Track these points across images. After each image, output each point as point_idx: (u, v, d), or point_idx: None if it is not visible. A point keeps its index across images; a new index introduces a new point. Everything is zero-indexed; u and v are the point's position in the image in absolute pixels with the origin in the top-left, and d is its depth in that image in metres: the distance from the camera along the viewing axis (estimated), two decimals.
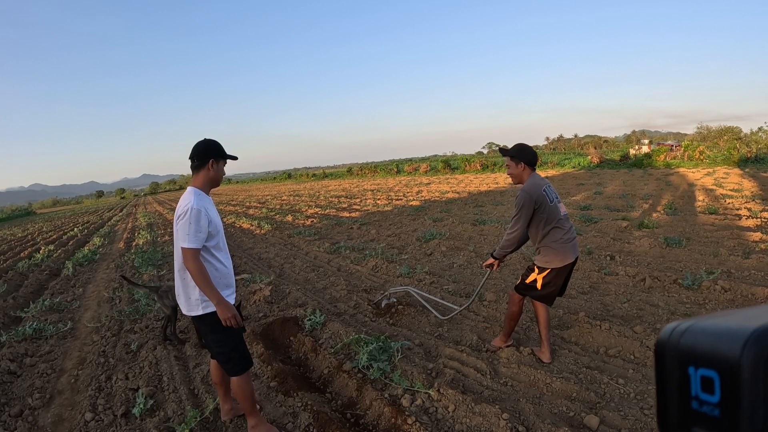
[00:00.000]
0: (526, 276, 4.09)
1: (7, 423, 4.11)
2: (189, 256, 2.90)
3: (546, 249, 3.92)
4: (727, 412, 0.39)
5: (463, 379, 4.00)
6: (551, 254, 3.90)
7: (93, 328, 6.56)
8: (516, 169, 4.01)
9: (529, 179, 3.96)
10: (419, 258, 8.87)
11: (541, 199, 3.84)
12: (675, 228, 9.60)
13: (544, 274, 3.96)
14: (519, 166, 3.99)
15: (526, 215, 3.85)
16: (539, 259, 4.00)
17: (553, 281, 3.98)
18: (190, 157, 3.11)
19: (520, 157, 3.97)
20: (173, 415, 3.87)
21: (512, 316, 4.28)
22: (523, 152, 3.99)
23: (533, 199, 3.82)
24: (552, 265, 3.91)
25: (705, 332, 0.43)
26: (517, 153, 3.99)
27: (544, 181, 3.98)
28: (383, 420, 3.47)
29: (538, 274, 3.99)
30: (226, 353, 3.17)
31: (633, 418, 3.32)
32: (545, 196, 3.87)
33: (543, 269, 3.96)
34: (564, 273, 3.99)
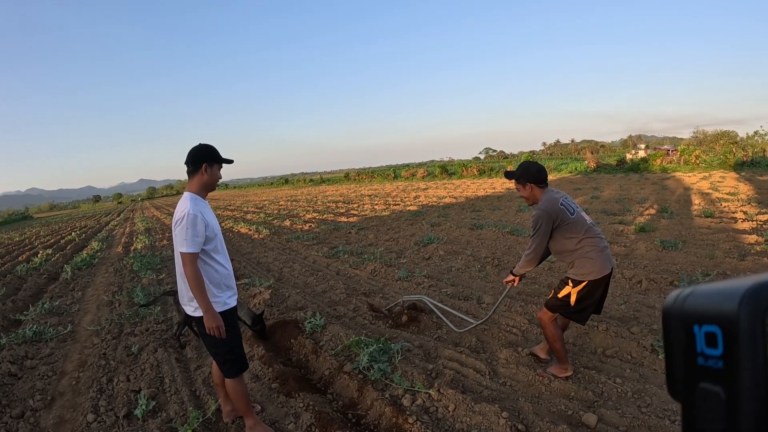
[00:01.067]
0: (559, 290, 3.77)
1: (8, 424, 4.12)
2: (187, 261, 2.95)
3: (581, 260, 3.60)
4: (730, 361, 0.45)
5: (463, 379, 4.05)
6: (588, 265, 3.58)
7: (93, 331, 6.58)
8: (525, 191, 3.78)
9: (543, 196, 3.70)
10: (417, 262, 8.92)
11: (560, 215, 3.59)
12: (671, 231, 9.68)
13: (579, 287, 3.64)
14: (527, 188, 3.75)
15: (545, 233, 3.61)
16: (574, 272, 3.67)
17: (589, 296, 3.66)
18: (185, 162, 3.16)
19: (526, 178, 3.73)
20: (175, 416, 3.90)
21: (553, 338, 3.86)
22: (527, 172, 3.72)
23: (551, 216, 3.57)
24: (589, 277, 3.59)
25: (706, 294, 0.49)
26: (522, 174, 3.74)
27: (560, 194, 3.71)
28: (384, 420, 3.52)
29: (572, 287, 3.67)
30: (222, 354, 3.22)
31: (630, 416, 3.37)
32: (564, 210, 3.61)
33: (578, 282, 3.64)
34: (600, 286, 3.67)
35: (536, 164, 3.75)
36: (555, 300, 3.79)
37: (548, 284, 6.69)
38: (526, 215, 13.65)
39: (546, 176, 3.74)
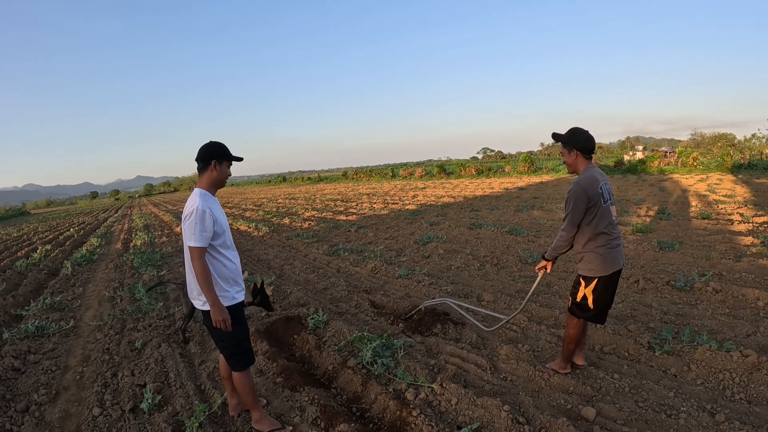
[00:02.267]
0: (575, 293, 3.73)
1: (13, 418, 4.16)
2: (195, 255, 3.03)
3: (590, 255, 3.55)
4: None
5: (464, 374, 4.14)
6: (596, 261, 3.54)
7: (95, 326, 6.63)
8: (569, 156, 3.62)
9: (586, 171, 3.56)
10: (417, 260, 9.01)
11: (595, 198, 3.45)
12: (668, 232, 9.79)
13: (591, 286, 3.60)
14: (572, 154, 3.59)
15: (580, 211, 3.45)
16: (582, 267, 3.63)
17: (603, 294, 3.62)
18: (195, 159, 3.23)
19: (572, 144, 3.57)
20: (181, 410, 3.96)
21: (570, 339, 3.84)
22: (576, 138, 3.56)
23: (587, 195, 3.43)
24: (598, 273, 3.55)
25: None
26: (569, 139, 3.58)
27: (602, 177, 3.57)
28: (388, 413, 3.61)
29: (585, 287, 3.64)
30: (230, 348, 3.30)
31: (628, 410, 3.47)
32: (600, 194, 3.47)
33: (589, 279, 3.61)
34: (613, 283, 3.65)
35: (586, 132, 3.59)
36: (575, 306, 3.74)
37: (546, 283, 6.78)
38: (525, 215, 13.75)
39: (594, 148, 3.61)
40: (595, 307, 3.64)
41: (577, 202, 3.44)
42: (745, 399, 3.63)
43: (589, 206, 3.45)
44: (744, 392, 3.69)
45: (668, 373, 4.06)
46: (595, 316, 3.71)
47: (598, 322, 3.78)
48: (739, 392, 3.69)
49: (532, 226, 11.84)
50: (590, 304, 3.63)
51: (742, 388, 3.73)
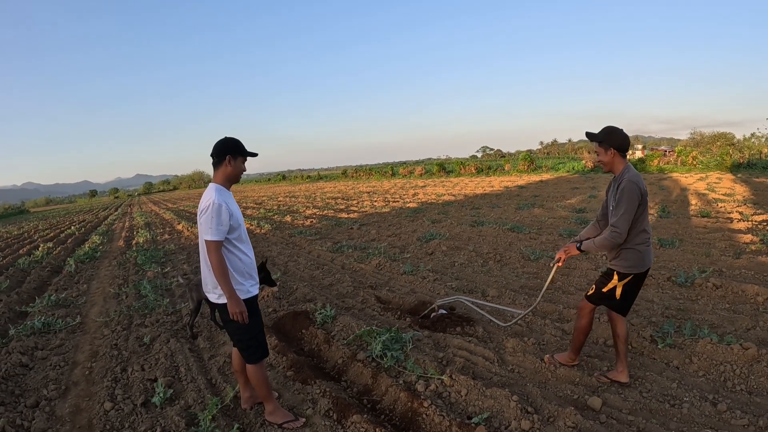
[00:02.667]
0: (603, 284, 3.69)
1: (24, 413, 4.17)
2: (211, 248, 3.09)
3: (629, 252, 3.52)
4: None
5: (473, 366, 4.22)
6: (635, 258, 3.52)
7: (102, 322, 6.67)
8: (606, 155, 3.57)
9: (627, 169, 3.54)
10: (421, 257, 9.09)
11: (645, 195, 3.45)
12: (668, 230, 9.87)
13: (626, 280, 3.59)
14: (609, 153, 3.54)
15: (635, 208, 3.41)
16: (620, 264, 3.58)
17: (634, 289, 3.65)
18: (210, 154, 3.30)
19: (609, 142, 3.53)
20: (194, 404, 4.01)
21: (582, 329, 3.86)
22: (613, 136, 3.53)
23: (640, 191, 3.41)
24: (635, 270, 3.55)
25: None
26: (606, 137, 3.55)
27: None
28: (400, 404, 3.69)
29: (618, 281, 3.61)
30: (246, 341, 3.37)
31: (633, 399, 3.57)
32: (647, 192, 3.47)
33: (624, 275, 3.58)
34: (643, 279, 3.67)
35: (622, 131, 3.56)
36: (599, 293, 3.73)
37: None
38: (526, 213, 13.82)
39: (628, 146, 3.58)
40: (621, 299, 3.63)
41: (632, 198, 3.39)
42: (745, 390, 3.72)
43: (639, 203, 3.42)
44: (744, 383, 3.77)
45: (671, 366, 4.14)
46: (618, 306, 3.68)
47: (621, 312, 3.73)
48: (739, 383, 3.78)
49: (534, 223, 11.92)
50: (617, 295, 3.63)
51: (743, 379, 3.82)
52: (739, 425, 3.23)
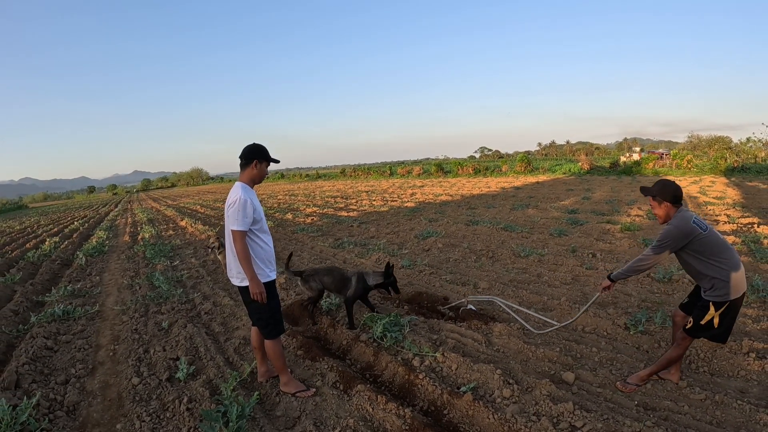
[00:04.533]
0: (701, 317, 3.65)
1: (55, 389, 4.59)
2: (237, 237, 3.62)
3: (719, 281, 3.51)
4: None
5: (463, 346, 4.73)
6: (727, 286, 3.50)
7: (120, 310, 7.12)
8: (660, 209, 3.69)
9: (678, 213, 3.63)
10: (418, 253, 9.60)
11: (692, 233, 3.50)
12: (655, 231, 10.34)
13: (722, 309, 3.57)
14: (663, 206, 3.66)
15: (671, 248, 3.57)
16: (714, 294, 3.56)
17: (730, 314, 3.62)
18: (239, 156, 3.82)
19: (663, 196, 3.64)
20: (215, 377, 4.49)
21: (675, 358, 3.85)
22: (665, 190, 3.63)
23: (683, 233, 3.51)
24: (729, 297, 3.53)
25: None
26: (659, 192, 3.65)
27: (691, 213, 3.64)
28: (398, 377, 4.23)
29: (715, 311, 3.58)
30: (265, 319, 3.89)
31: (603, 376, 4.08)
32: (696, 227, 3.52)
33: (720, 305, 3.56)
34: (740, 304, 3.65)
35: (674, 183, 3.67)
36: (697, 327, 3.69)
37: (537, 274, 7.37)
38: (520, 214, 14.31)
39: (681, 195, 3.67)
40: (720, 326, 3.62)
41: (671, 242, 3.55)
42: (708, 371, 4.21)
43: (687, 242, 3.52)
44: (708, 366, 4.27)
45: (641, 349, 4.64)
46: (718, 335, 3.70)
47: (721, 341, 3.78)
48: (703, 366, 4.28)
49: (527, 223, 12.43)
50: (716, 325, 3.61)
51: (707, 362, 4.31)
52: (697, 399, 3.70)
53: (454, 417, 3.63)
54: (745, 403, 3.54)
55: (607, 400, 3.75)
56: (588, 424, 3.28)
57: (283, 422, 3.74)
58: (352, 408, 3.75)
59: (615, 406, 3.65)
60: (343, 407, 3.79)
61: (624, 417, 3.41)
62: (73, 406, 4.28)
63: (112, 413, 4.14)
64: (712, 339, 3.76)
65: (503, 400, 3.69)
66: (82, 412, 4.19)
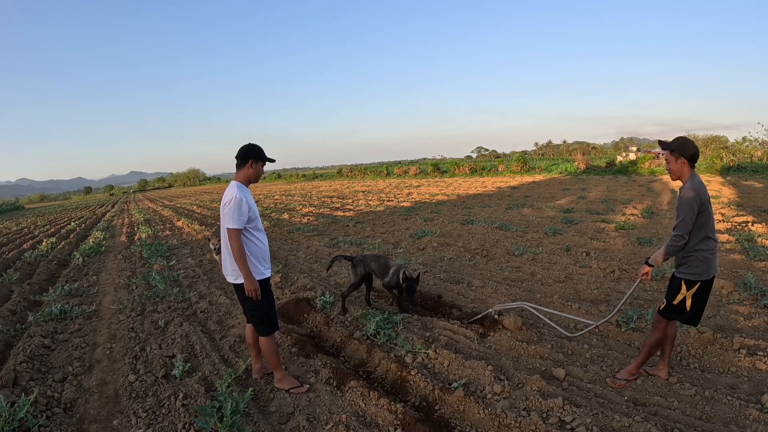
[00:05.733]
0: (673, 296, 3.74)
1: (53, 387, 4.63)
2: (232, 235, 3.68)
3: (694, 259, 3.59)
4: None
5: (455, 343, 4.79)
6: (701, 265, 3.58)
7: (116, 309, 7.16)
8: (675, 164, 3.66)
9: (693, 177, 3.61)
10: (413, 252, 9.65)
11: (706, 203, 3.52)
12: (649, 229, 10.45)
13: (694, 289, 3.64)
14: (679, 162, 3.64)
15: (694, 215, 3.49)
16: (685, 271, 3.65)
17: (702, 297, 3.68)
18: (235, 156, 3.88)
19: (681, 152, 3.61)
20: (210, 374, 4.55)
21: (656, 343, 3.92)
22: (685, 146, 3.61)
23: (700, 198, 3.48)
24: (702, 277, 3.60)
25: None
26: (678, 147, 3.63)
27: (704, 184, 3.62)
28: (391, 374, 4.29)
29: (687, 290, 3.66)
30: (259, 316, 3.95)
31: (593, 372, 4.14)
32: (709, 200, 3.55)
33: (692, 283, 3.63)
34: (710, 286, 3.71)
35: (693, 143, 3.66)
36: (670, 307, 3.77)
37: (531, 272, 7.44)
38: (515, 213, 14.38)
39: (698, 156, 3.66)
40: (692, 309, 3.68)
41: (692, 205, 3.47)
42: (699, 368, 4.26)
43: (700, 210, 3.50)
44: (698, 362, 4.33)
45: (632, 346, 4.70)
46: (690, 318, 3.75)
47: (692, 324, 3.84)
48: (694, 362, 4.34)
49: (521, 222, 12.51)
50: (687, 307, 3.68)
51: (697, 359, 4.37)
52: (687, 395, 3.75)
53: (445, 412, 3.69)
54: (735, 399, 3.60)
55: (597, 396, 3.80)
56: (577, 419, 3.33)
57: (277, 418, 3.80)
58: (345, 404, 3.82)
59: (605, 402, 3.71)
60: (336, 403, 3.86)
61: (613, 412, 3.46)
62: (70, 403, 4.32)
63: (108, 410, 4.19)
64: (684, 322, 3.81)
65: (494, 396, 3.74)
66: (79, 408, 4.23)
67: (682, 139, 3.68)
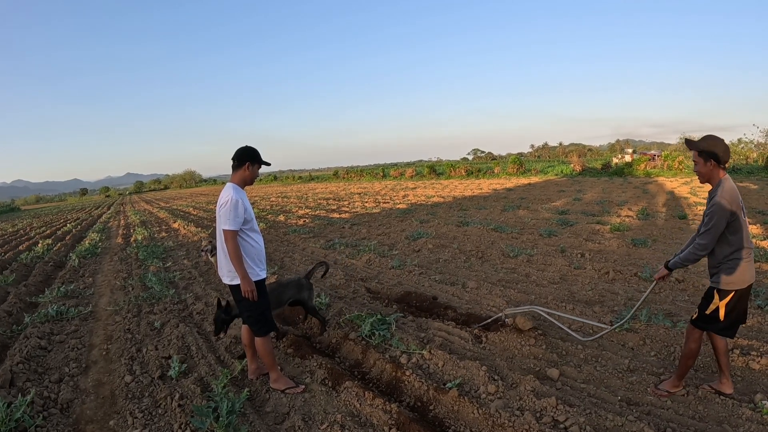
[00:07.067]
0: (705, 306, 3.54)
1: (49, 387, 4.64)
2: (228, 237, 3.71)
3: (726, 268, 3.38)
4: None
5: (450, 344, 4.82)
6: (736, 274, 3.35)
7: (112, 310, 7.18)
8: (704, 167, 3.40)
9: (724, 182, 3.37)
10: (408, 254, 9.68)
11: (738, 212, 3.30)
12: (644, 231, 10.52)
13: (727, 299, 3.42)
14: (708, 164, 3.38)
15: (723, 225, 3.29)
16: (719, 281, 3.43)
17: (737, 307, 3.46)
18: (232, 158, 3.91)
19: (710, 153, 3.35)
20: (206, 375, 4.56)
21: (690, 354, 3.68)
22: (713, 147, 3.35)
23: (731, 208, 3.26)
24: (736, 286, 3.38)
25: None
26: (707, 147, 3.37)
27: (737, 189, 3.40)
28: (386, 374, 4.32)
29: (720, 300, 3.45)
30: (255, 316, 3.97)
31: (587, 372, 4.18)
32: (741, 206, 3.34)
33: (725, 293, 3.42)
34: (746, 296, 3.48)
35: (723, 141, 3.39)
36: (701, 318, 3.59)
37: (526, 273, 7.48)
38: (510, 215, 14.43)
39: (729, 157, 3.42)
40: (726, 320, 3.47)
41: (722, 216, 3.27)
42: (692, 368, 4.28)
43: (731, 220, 3.29)
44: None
45: (626, 346, 4.74)
46: (724, 328, 3.54)
47: (728, 336, 3.61)
48: None
49: (517, 224, 12.56)
50: (721, 317, 3.47)
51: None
52: (680, 394, 3.78)
53: (439, 412, 3.72)
54: (728, 398, 3.64)
55: (591, 396, 3.83)
56: (570, 419, 3.36)
57: (273, 418, 3.82)
58: (340, 404, 3.83)
59: (598, 401, 3.73)
60: (331, 403, 3.87)
61: (606, 412, 3.49)
62: (66, 403, 4.34)
63: (105, 410, 4.21)
64: (718, 333, 3.58)
65: (488, 396, 3.77)
66: (76, 409, 4.25)
67: (711, 138, 3.42)
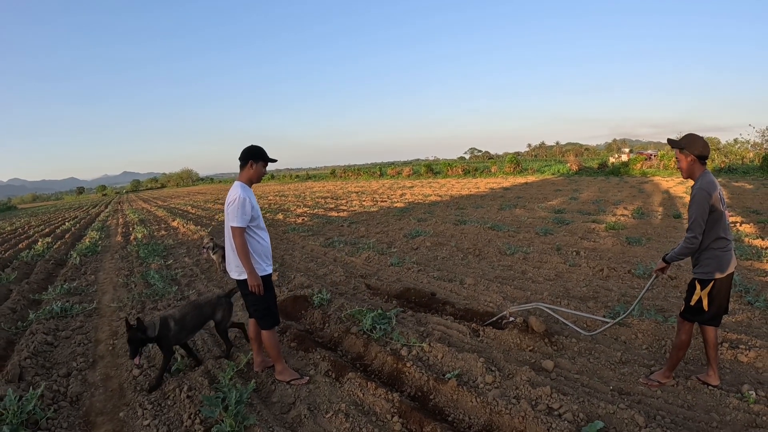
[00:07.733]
0: (689, 297, 3.72)
1: (58, 381, 4.76)
2: (236, 233, 3.86)
3: (708, 258, 3.57)
4: None
5: (448, 338, 4.99)
6: (713, 262, 3.55)
7: (116, 307, 7.29)
8: (685, 161, 3.65)
9: (704, 176, 3.58)
10: (407, 251, 9.84)
11: (716, 202, 3.49)
12: (639, 230, 10.68)
13: (708, 288, 3.60)
14: (689, 159, 3.62)
15: (704, 215, 3.47)
16: (699, 271, 3.63)
17: (719, 296, 3.63)
18: (238, 158, 4.06)
19: (690, 149, 3.59)
20: (212, 368, 4.67)
21: (681, 345, 3.84)
22: (694, 144, 3.58)
23: (711, 196, 3.46)
24: (715, 275, 3.56)
25: None
26: (688, 144, 3.61)
27: (717, 183, 3.58)
28: (387, 366, 4.48)
29: (701, 290, 3.62)
30: (261, 310, 4.13)
31: (581, 364, 4.35)
32: (720, 199, 3.52)
33: (706, 282, 3.61)
34: (728, 285, 3.66)
35: (702, 139, 3.62)
36: (688, 310, 3.75)
37: (522, 271, 7.64)
38: (507, 213, 14.59)
39: (709, 152, 3.63)
40: (710, 309, 3.63)
41: (702, 205, 3.46)
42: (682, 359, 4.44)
43: (711, 209, 3.47)
44: None
45: (619, 340, 4.90)
46: (710, 319, 3.70)
47: (714, 324, 3.76)
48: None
49: (513, 222, 12.73)
50: (705, 307, 3.63)
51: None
52: (670, 384, 3.94)
53: (439, 401, 3.88)
54: (716, 389, 3.79)
55: (584, 386, 4.00)
56: (564, 406, 3.52)
57: (279, 407, 3.97)
58: (344, 394, 3.99)
59: (591, 391, 3.90)
60: (335, 393, 4.03)
61: (599, 400, 3.65)
62: (76, 396, 4.47)
63: (114, 402, 4.34)
64: (704, 324, 3.75)
65: (485, 386, 3.94)
66: (86, 402, 4.38)
67: (690, 136, 3.65)
